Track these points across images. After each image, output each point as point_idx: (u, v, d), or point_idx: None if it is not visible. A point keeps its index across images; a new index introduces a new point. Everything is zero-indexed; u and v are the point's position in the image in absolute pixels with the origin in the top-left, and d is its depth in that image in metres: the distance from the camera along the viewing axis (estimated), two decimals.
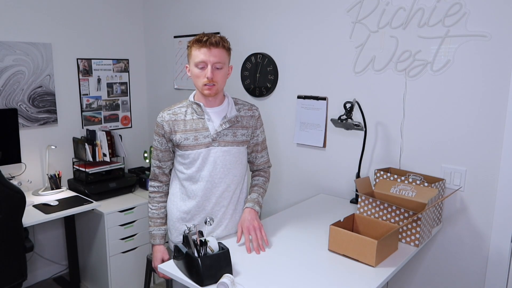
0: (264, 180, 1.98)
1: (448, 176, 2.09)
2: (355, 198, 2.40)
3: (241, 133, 1.86)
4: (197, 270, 1.46)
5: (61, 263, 3.34)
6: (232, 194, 1.88)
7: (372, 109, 2.33)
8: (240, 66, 2.94)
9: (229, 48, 1.87)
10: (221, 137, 1.81)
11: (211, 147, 1.80)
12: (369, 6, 2.26)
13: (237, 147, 1.85)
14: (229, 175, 1.85)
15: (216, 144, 1.80)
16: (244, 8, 2.87)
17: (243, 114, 1.87)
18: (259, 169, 2.00)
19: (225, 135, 1.81)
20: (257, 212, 1.84)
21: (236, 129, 1.84)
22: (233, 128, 1.83)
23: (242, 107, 1.89)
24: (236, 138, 1.84)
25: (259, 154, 1.96)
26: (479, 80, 1.95)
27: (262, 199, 1.91)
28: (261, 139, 1.94)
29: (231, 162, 1.84)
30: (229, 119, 1.82)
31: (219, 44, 1.80)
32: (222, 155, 1.81)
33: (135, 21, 3.59)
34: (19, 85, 2.91)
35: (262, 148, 1.96)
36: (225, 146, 1.82)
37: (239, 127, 1.85)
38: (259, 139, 1.93)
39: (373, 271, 1.59)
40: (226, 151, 1.82)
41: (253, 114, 1.90)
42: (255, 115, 1.90)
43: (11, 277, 2.29)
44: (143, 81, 3.71)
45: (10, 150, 2.80)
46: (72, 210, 2.64)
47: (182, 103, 1.91)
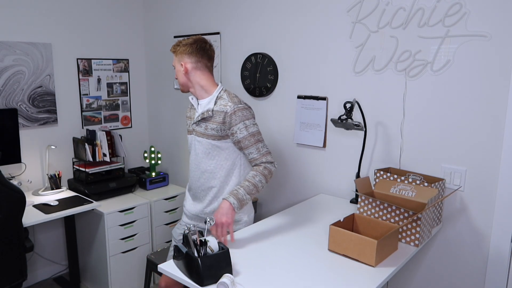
0: (254, 174, 1.90)
1: (448, 176, 2.09)
2: (355, 198, 2.40)
3: (211, 127, 1.94)
4: (197, 270, 1.46)
5: (61, 263, 3.34)
6: (204, 185, 2.02)
7: (372, 109, 2.33)
8: (240, 66, 2.94)
9: (175, 50, 1.99)
10: (196, 128, 2.00)
11: (192, 135, 2.04)
12: (369, 6, 2.26)
13: (207, 140, 1.96)
14: (202, 165, 2.01)
15: (194, 133, 2.02)
16: (244, 8, 2.87)
17: (217, 109, 1.93)
18: (253, 165, 1.97)
19: (199, 126, 1.99)
20: (231, 203, 1.82)
21: (208, 122, 1.95)
22: (206, 122, 1.95)
23: (221, 103, 1.93)
24: (206, 131, 1.96)
25: (246, 151, 1.94)
26: (479, 80, 1.95)
27: (244, 191, 1.86)
28: (241, 136, 1.90)
29: (203, 152, 2.00)
30: (202, 112, 1.97)
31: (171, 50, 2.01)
32: (197, 144, 2.01)
33: (135, 21, 3.59)
34: (19, 85, 2.91)
35: (246, 145, 1.91)
36: (198, 137, 2.00)
37: (210, 121, 1.94)
38: (238, 136, 1.91)
39: (373, 271, 1.59)
40: (199, 141, 2.00)
41: (225, 110, 1.90)
42: (226, 111, 1.89)
43: (11, 277, 2.29)
44: (143, 81, 3.71)
45: (10, 150, 2.80)
46: (72, 210, 2.65)
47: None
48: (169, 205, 3.27)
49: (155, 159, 3.49)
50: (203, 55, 1.95)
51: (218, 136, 1.94)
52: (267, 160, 1.92)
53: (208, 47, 1.98)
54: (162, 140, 3.68)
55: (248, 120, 1.92)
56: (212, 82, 1.99)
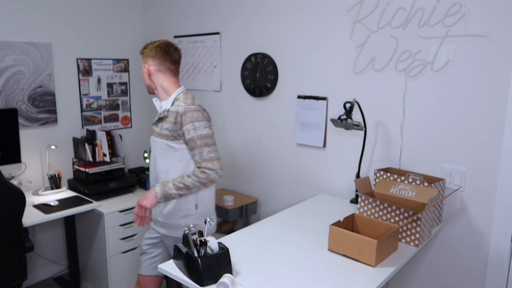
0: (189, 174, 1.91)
1: (448, 176, 2.09)
2: (355, 198, 2.40)
3: (166, 127, 1.98)
4: (197, 270, 1.46)
5: (61, 263, 3.34)
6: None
7: (372, 109, 2.33)
8: (240, 66, 2.94)
9: (142, 53, 2.06)
10: (155, 128, 2.05)
11: (152, 135, 2.09)
12: (369, 6, 2.26)
13: (161, 140, 2.01)
14: (157, 165, 2.04)
15: (153, 134, 2.07)
16: (244, 8, 2.87)
17: (172, 110, 1.98)
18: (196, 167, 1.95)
19: (157, 127, 2.04)
20: (156, 192, 1.92)
21: (163, 122, 2.00)
22: (162, 122, 2.01)
23: (177, 103, 1.98)
24: (161, 131, 2.00)
25: (191, 153, 1.96)
26: (479, 80, 1.95)
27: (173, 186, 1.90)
28: (188, 137, 1.91)
29: (158, 152, 2.04)
30: (160, 112, 2.04)
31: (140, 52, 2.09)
32: (154, 144, 2.06)
33: (135, 21, 3.59)
34: (19, 85, 2.91)
35: (192, 146, 1.92)
36: (155, 137, 2.05)
37: (165, 121, 1.99)
38: (186, 136, 1.92)
39: (373, 271, 1.59)
40: (155, 141, 2.05)
41: (178, 110, 1.94)
42: (178, 111, 1.93)
43: (11, 277, 2.29)
44: (143, 81, 3.71)
45: (10, 150, 2.80)
46: (72, 210, 2.64)
47: None
48: None
49: None
50: (166, 58, 2.00)
51: (172, 136, 1.96)
52: (206, 166, 1.90)
53: (172, 51, 2.03)
54: None
55: (198, 122, 1.92)
56: (174, 84, 2.03)
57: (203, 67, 3.19)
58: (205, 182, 1.92)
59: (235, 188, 3.15)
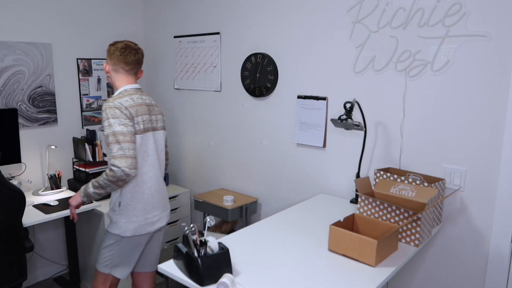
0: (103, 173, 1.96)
1: (448, 176, 2.09)
2: (355, 198, 2.40)
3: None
4: (197, 270, 1.46)
5: (61, 263, 3.34)
6: None
7: (372, 109, 2.33)
8: (240, 66, 2.94)
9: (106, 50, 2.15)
10: None
11: None
12: (369, 6, 2.26)
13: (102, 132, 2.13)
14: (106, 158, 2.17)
15: None
16: (244, 8, 2.87)
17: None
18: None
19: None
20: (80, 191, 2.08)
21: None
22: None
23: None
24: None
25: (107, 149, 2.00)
26: (479, 80, 1.95)
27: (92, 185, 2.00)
28: (105, 134, 1.96)
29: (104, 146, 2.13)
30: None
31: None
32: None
33: (135, 21, 3.59)
34: (19, 85, 2.91)
35: (106, 143, 1.95)
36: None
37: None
38: (104, 133, 1.97)
39: (373, 271, 1.59)
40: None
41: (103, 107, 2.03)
42: (102, 109, 2.01)
43: (11, 277, 2.29)
44: (143, 81, 3.71)
45: (10, 150, 2.80)
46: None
47: None
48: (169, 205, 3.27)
49: None
50: (119, 59, 2.08)
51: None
52: (113, 163, 1.89)
53: (127, 53, 2.09)
54: None
55: (113, 119, 1.94)
56: (123, 84, 2.11)
57: (203, 67, 3.19)
58: (113, 180, 1.91)
59: (235, 188, 3.15)
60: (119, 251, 2.11)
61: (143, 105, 2.08)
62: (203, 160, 3.34)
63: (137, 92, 2.11)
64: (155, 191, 2.12)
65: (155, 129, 2.14)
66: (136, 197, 2.06)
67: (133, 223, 2.06)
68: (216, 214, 2.84)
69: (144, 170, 2.06)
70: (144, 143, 2.05)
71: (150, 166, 2.09)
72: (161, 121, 2.21)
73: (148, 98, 2.18)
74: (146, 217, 2.09)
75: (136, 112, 2.02)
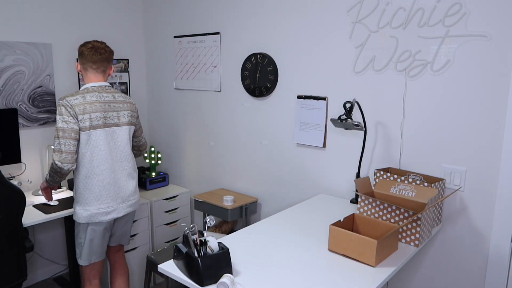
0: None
1: (448, 176, 2.09)
2: (355, 198, 2.40)
3: None
4: (197, 270, 1.46)
5: (61, 263, 3.34)
6: None
7: (372, 109, 2.33)
8: (240, 66, 2.94)
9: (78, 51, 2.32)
10: None
11: None
12: (369, 6, 2.26)
13: None
14: None
15: None
16: (244, 8, 2.87)
17: None
18: None
19: None
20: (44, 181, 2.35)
21: None
22: None
23: None
24: None
25: None
26: (479, 80, 1.95)
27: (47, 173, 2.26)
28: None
29: None
30: None
31: None
32: None
33: (135, 21, 3.59)
34: (19, 85, 2.91)
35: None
36: None
37: None
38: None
39: (373, 271, 1.59)
40: None
41: None
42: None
43: (11, 277, 2.29)
44: (143, 81, 3.72)
45: (10, 150, 2.80)
46: (72, 210, 2.64)
47: None
48: (169, 205, 3.27)
49: (155, 159, 3.49)
50: (87, 58, 2.25)
51: None
52: (52, 156, 2.14)
53: (93, 53, 2.24)
54: (162, 140, 3.68)
55: (58, 115, 2.14)
56: (89, 81, 2.28)
57: (203, 67, 3.19)
58: (54, 172, 2.17)
59: (235, 188, 3.15)
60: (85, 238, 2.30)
61: (96, 103, 2.22)
62: (203, 160, 3.34)
63: (95, 90, 2.26)
64: (108, 184, 2.27)
65: (114, 125, 2.29)
66: (88, 187, 2.24)
67: (86, 211, 2.25)
68: (216, 214, 2.84)
69: (95, 164, 2.22)
70: (92, 139, 2.20)
71: (102, 160, 2.24)
72: (126, 116, 2.34)
73: (112, 95, 2.31)
74: (99, 207, 2.26)
75: (82, 110, 2.16)
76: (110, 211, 2.29)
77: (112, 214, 2.30)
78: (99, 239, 2.33)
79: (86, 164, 2.21)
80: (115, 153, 2.29)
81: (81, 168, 2.22)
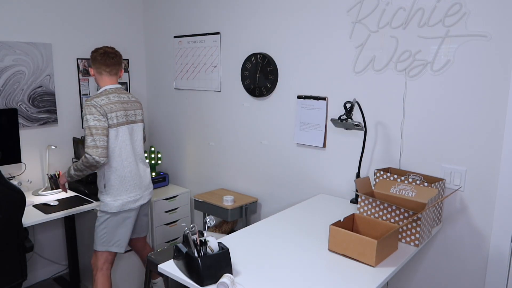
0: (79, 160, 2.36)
1: (448, 176, 2.09)
2: (355, 198, 2.40)
3: None
4: (197, 270, 1.46)
5: (61, 263, 3.34)
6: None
7: (372, 109, 2.33)
8: (240, 66, 2.94)
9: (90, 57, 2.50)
10: None
11: None
12: (369, 6, 2.26)
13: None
14: None
15: None
16: (244, 8, 2.87)
17: None
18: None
19: None
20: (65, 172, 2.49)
21: None
22: None
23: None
24: None
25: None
26: (479, 80, 1.95)
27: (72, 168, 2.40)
28: (83, 127, 2.34)
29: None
30: None
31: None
32: None
33: (135, 21, 3.59)
34: (19, 85, 2.91)
35: (84, 134, 2.33)
36: None
37: None
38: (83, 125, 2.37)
39: (373, 271, 1.59)
40: None
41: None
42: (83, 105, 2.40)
43: (11, 277, 2.29)
44: (143, 81, 3.72)
45: (10, 150, 2.80)
46: (72, 210, 2.64)
47: None
48: (169, 205, 3.27)
49: (155, 159, 3.49)
50: (101, 63, 2.43)
51: None
52: (87, 151, 2.28)
53: (106, 57, 2.43)
54: (162, 140, 3.68)
55: (89, 115, 2.30)
56: (105, 84, 2.47)
57: (203, 67, 3.19)
58: (87, 165, 2.31)
59: (235, 188, 3.15)
60: (112, 227, 2.47)
61: (118, 102, 2.43)
62: (203, 160, 3.34)
63: (115, 91, 2.47)
64: (134, 174, 2.50)
65: (132, 122, 2.51)
66: (118, 180, 2.43)
67: (118, 201, 2.44)
68: (216, 214, 2.84)
69: (123, 157, 2.43)
70: (120, 135, 2.42)
71: (128, 153, 2.46)
72: (140, 115, 2.58)
73: (127, 96, 2.53)
74: (129, 195, 2.47)
75: (110, 109, 2.37)
76: (137, 198, 2.51)
77: (140, 201, 2.53)
78: (127, 228, 2.52)
79: (116, 158, 2.41)
80: (135, 147, 2.53)
81: (112, 162, 2.40)
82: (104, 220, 2.46)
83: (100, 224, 2.48)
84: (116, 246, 2.51)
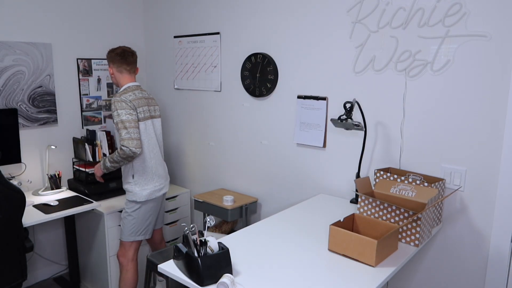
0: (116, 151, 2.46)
1: (448, 176, 2.09)
2: (355, 198, 2.40)
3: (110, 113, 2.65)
4: (197, 270, 1.46)
5: (61, 263, 3.34)
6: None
7: (372, 109, 2.33)
8: (240, 66, 2.94)
9: (107, 56, 2.62)
10: None
11: None
12: (369, 6, 2.26)
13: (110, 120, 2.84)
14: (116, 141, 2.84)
15: None
16: (244, 8, 2.87)
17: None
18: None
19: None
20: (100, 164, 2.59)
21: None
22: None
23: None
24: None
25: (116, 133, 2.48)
26: (479, 80, 1.95)
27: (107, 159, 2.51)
28: (114, 121, 2.45)
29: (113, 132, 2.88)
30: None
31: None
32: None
33: (135, 21, 3.59)
34: (19, 85, 2.91)
35: (116, 128, 2.44)
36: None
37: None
38: (113, 120, 2.47)
39: (373, 271, 1.59)
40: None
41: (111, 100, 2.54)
42: (111, 101, 2.51)
43: (11, 277, 2.29)
44: (143, 81, 3.71)
45: (10, 150, 2.80)
46: (72, 210, 2.65)
47: None
48: (169, 205, 3.27)
49: None
50: (121, 61, 2.55)
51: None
52: (123, 144, 2.39)
53: (126, 56, 2.55)
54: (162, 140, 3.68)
55: (120, 110, 2.42)
56: (126, 81, 2.59)
57: (203, 67, 3.19)
58: (124, 157, 2.42)
59: (235, 188, 3.15)
60: (140, 217, 2.59)
61: (142, 98, 2.57)
62: (203, 160, 3.34)
63: (137, 88, 2.60)
64: (159, 165, 2.65)
65: (153, 117, 2.65)
66: (146, 170, 2.56)
67: (145, 190, 2.56)
68: (216, 214, 2.84)
69: (151, 149, 2.58)
70: (147, 128, 2.56)
71: (154, 145, 2.61)
72: (158, 110, 2.72)
73: (146, 92, 2.67)
74: (155, 185, 2.60)
75: (138, 104, 2.51)
76: (161, 187, 2.66)
77: (163, 190, 2.69)
78: (153, 216, 2.66)
79: (145, 149, 2.54)
80: (158, 139, 2.68)
81: (142, 153, 2.53)
82: (133, 210, 2.57)
83: (128, 215, 2.58)
84: (143, 234, 2.64)
